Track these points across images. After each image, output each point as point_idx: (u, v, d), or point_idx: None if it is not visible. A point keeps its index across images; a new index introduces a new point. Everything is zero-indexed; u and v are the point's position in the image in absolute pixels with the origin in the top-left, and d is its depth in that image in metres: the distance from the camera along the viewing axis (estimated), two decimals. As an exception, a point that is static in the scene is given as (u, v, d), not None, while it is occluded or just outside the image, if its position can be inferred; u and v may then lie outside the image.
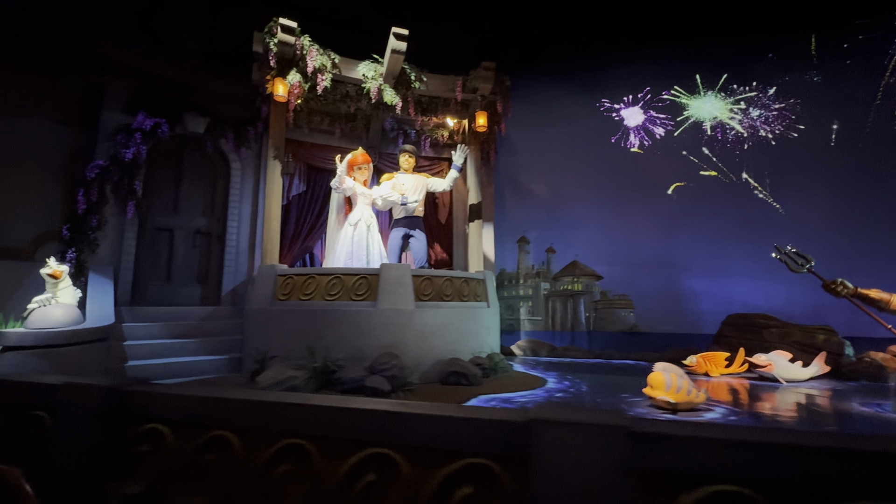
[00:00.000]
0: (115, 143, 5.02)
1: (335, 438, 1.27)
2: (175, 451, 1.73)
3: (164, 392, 2.01)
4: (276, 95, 4.70)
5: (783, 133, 6.62)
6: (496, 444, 1.15)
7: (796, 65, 6.55)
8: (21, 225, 4.62)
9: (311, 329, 4.07)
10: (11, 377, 2.19)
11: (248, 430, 1.41)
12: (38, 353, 3.53)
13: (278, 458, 1.31)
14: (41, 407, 2.00)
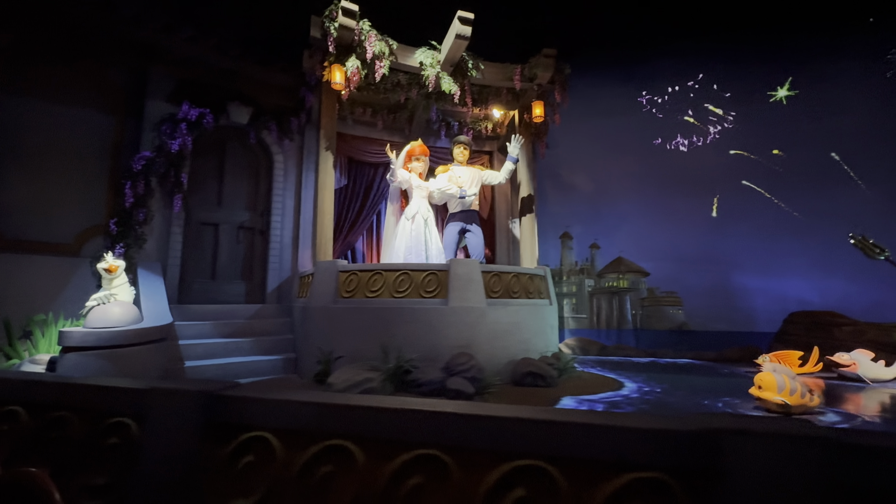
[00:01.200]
0: (160, 134, 4.80)
1: (475, 450, 1.12)
2: (285, 461, 1.55)
3: (267, 397, 1.81)
4: (334, 83, 4.48)
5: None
6: (670, 457, 0.99)
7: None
8: (66, 219, 4.40)
9: (380, 328, 3.87)
10: (88, 380, 1.99)
11: (371, 439, 1.27)
12: (101, 354, 3.33)
13: (408, 471, 1.17)
14: (126, 413, 1.82)
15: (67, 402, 1.93)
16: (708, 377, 4.47)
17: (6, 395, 2.04)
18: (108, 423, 1.93)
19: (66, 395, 2.00)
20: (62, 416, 1.89)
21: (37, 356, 3.57)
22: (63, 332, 3.26)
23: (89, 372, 3.27)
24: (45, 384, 1.97)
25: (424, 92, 5.41)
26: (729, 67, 6.92)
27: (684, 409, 3.12)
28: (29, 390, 1.96)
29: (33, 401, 1.95)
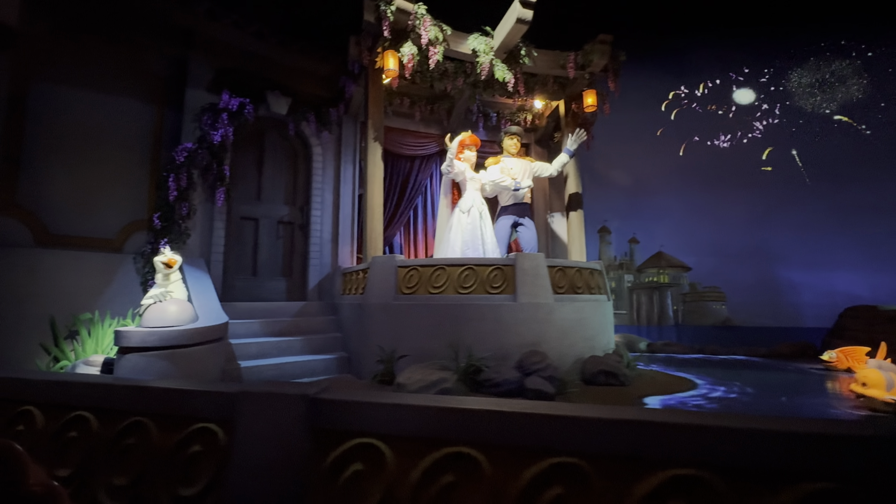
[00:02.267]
0: (201, 125, 4.60)
1: (616, 457, 1.01)
2: (398, 470, 1.39)
3: (376, 401, 1.64)
4: (387, 69, 4.28)
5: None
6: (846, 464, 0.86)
7: None
8: (109, 214, 4.21)
9: (445, 325, 3.70)
10: (166, 383, 1.82)
11: (498, 448, 1.16)
12: (162, 354, 3.15)
13: (543, 481, 1.06)
14: (211, 418, 1.65)
15: (143, 406, 1.77)
16: (776, 374, 4.32)
17: (74, 400, 1.87)
18: (190, 430, 1.76)
19: (142, 399, 1.83)
20: (138, 421, 1.74)
21: (90, 357, 3.39)
22: (121, 332, 3.08)
23: (152, 374, 3.09)
24: (116, 387, 1.79)
25: (472, 80, 5.22)
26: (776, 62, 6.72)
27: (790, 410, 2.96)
28: (98, 394, 1.79)
29: (104, 406, 1.79)
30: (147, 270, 4.26)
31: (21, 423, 1.66)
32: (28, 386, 1.92)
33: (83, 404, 1.73)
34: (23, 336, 3.55)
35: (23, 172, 3.74)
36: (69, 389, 1.86)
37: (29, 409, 1.71)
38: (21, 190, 3.71)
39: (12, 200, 3.67)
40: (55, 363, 3.69)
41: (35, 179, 3.80)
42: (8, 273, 3.52)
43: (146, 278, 4.25)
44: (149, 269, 4.25)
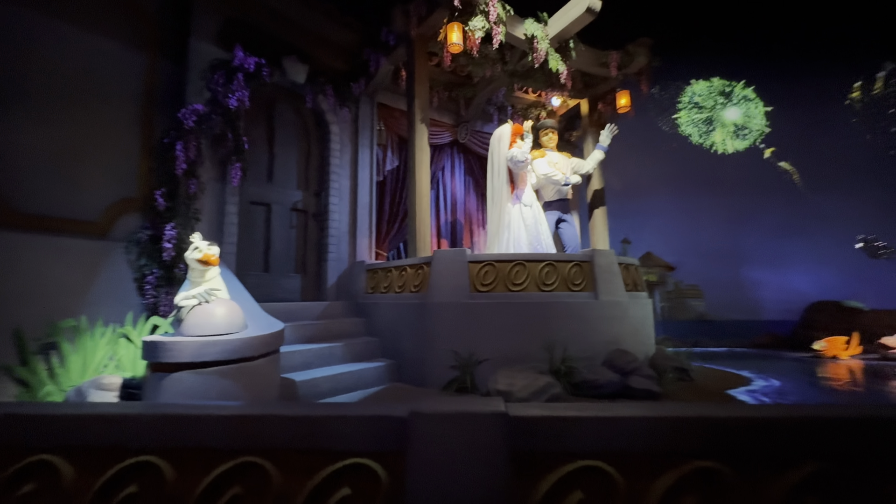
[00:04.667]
0: (210, 84, 3.72)
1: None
2: (628, 493, 1.26)
3: (591, 415, 1.47)
4: (450, 44, 3.85)
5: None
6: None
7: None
8: (91, 188, 3.18)
9: (529, 325, 3.42)
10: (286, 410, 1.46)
11: (747, 458, 1.15)
12: (224, 371, 2.42)
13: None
14: (364, 452, 1.36)
15: (253, 442, 1.36)
16: (791, 364, 4.78)
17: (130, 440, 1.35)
18: (332, 470, 1.37)
19: (252, 432, 1.38)
20: (249, 464, 1.33)
21: (101, 378, 2.49)
22: (163, 344, 2.30)
23: (212, 396, 2.36)
24: (201, 419, 1.36)
25: (510, 69, 4.99)
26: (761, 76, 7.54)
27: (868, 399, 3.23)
28: (169, 431, 1.34)
29: (181, 446, 1.33)
30: (143, 264, 3.31)
31: (33, 479, 1.23)
32: (47, 425, 1.32)
33: (144, 445, 1.30)
34: None
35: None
36: (117, 426, 1.31)
37: (47, 460, 1.27)
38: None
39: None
40: (25, 391, 2.66)
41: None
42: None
43: (143, 274, 3.31)
44: (146, 262, 3.31)
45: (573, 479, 1.45)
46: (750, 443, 1.22)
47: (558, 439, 1.50)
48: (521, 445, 1.45)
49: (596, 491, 1.45)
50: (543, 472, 1.47)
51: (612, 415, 1.54)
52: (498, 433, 1.47)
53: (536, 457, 1.47)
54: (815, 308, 6.15)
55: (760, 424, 1.21)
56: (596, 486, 1.43)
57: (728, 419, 1.28)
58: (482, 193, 6.56)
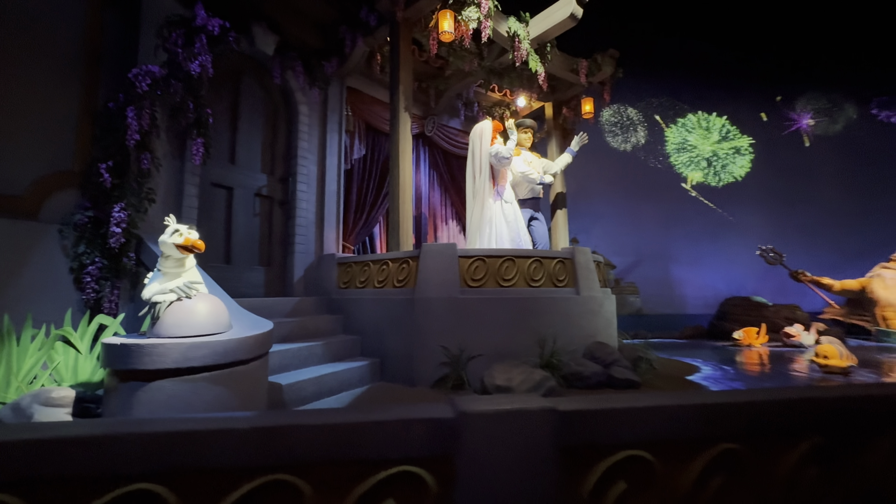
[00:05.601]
0: (169, 44, 3.20)
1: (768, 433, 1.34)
2: (667, 480, 1.49)
3: (634, 406, 1.65)
4: (443, 32, 3.72)
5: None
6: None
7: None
8: (14, 158, 2.55)
9: (518, 320, 3.46)
10: (314, 418, 1.33)
11: (763, 435, 1.34)
12: (216, 376, 2.09)
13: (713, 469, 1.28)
14: (410, 459, 1.37)
15: (279, 458, 1.17)
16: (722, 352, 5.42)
17: (121, 466, 1.13)
18: (372, 484, 1.33)
19: (277, 445, 1.22)
20: (278, 482, 1.15)
21: (51, 392, 2.01)
22: (138, 348, 1.93)
23: (200, 407, 2.03)
24: (220, 434, 1.11)
25: (488, 65, 5.00)
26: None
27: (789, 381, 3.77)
28: (180, 449, 1.08)
29: (195, 466, 1.09)
30: (83, 251, 2.75)
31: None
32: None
33: (138, 471, 1.03)
34: None
35: None
36: (100, 449, 1.01)
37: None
38: None
39: None
40: (-77, 410, 2.06)
41: None
42: None
43: (81, 263, 2.75)
44: (86, 250, 2.76)
45: (617, 470, 1.49)
46: (762, 423, 1.35)
47: (604, 431, 1.53)
48: (568, 440, 1.45)
49: (638, 479, 1.50)
50: (590, 464, 1.49)
51: (651, 404, 1.60)
52: (548, 429, 1.45)
53: (583, 450, 1.48)
54: (728, 303, 7.09)
55: (770, 406, 1.36)
56: (638, 475, 1.48)
57: (747, 403, 1.41)
58: (446, 188, 6.51)
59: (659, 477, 1.43)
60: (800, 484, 1.31)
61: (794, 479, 1.30)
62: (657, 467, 1.41)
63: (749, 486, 1.32)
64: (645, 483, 1.51)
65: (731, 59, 8.29)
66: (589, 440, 1.47)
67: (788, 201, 8.57)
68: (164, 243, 2.20)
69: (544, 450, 1.43)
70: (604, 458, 1.49)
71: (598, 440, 1.48)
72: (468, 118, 6.36)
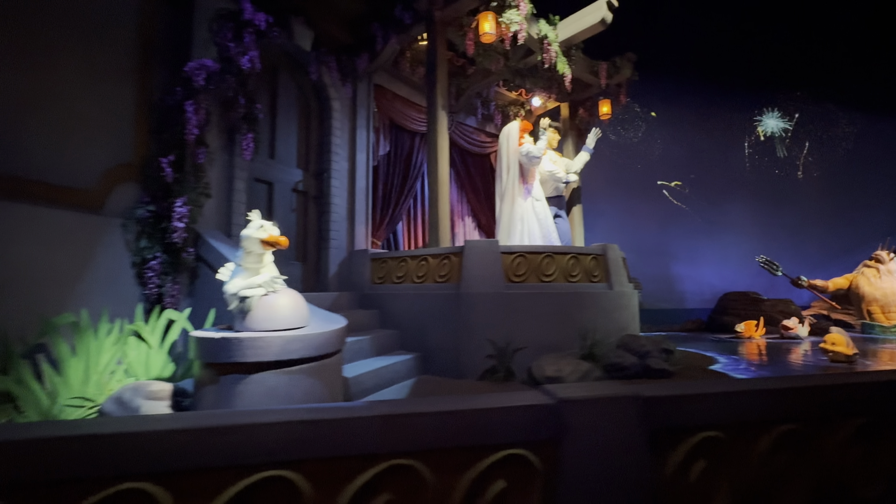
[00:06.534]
0: (219, 38, 3.19)
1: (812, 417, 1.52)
2: (740, 457, 1.69)
3: (710, 391, 1.85)
4: (483, 33, 3.81)
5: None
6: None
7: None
8: (82, 148, 2.51)
9: (559, 314, 3.62)
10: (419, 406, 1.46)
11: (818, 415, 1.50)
12: (310, 369, 2.16)
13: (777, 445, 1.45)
14: (517, 443, 1.50)
15: (399, 444, 1.28)
16: (729, 344, 5.73)
17: (259, 457, 1.20)
18: (487, 464, 1.48)
19: (394, 432, 1.30)
20: (398, 467, 1.27)
21: (149, 385, 2.03)
22: (240, 342, 1.98)
23: (297, 398, 2.09)
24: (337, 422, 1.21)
25: (513, 66, 5.11)
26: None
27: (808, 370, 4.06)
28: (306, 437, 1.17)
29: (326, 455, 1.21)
30: (145, 246, 2.74)
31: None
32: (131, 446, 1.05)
33: (270, 460, 1.12)
34: None
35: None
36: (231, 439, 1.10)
37: (140, 488, 1.05)
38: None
39: None
40: (10, 407, 2.05)
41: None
42: None
43: (143, 258, 2.74)
44: (148, 244, 2.75)
45: (697, 450, 1.66)
46: (816, 405, 1.54)
47: (686, 414, 1.70)
48: (653, 423, 1.61)
49: (715, 457, 1.67)
50: (673, 445, 1.65)
51: (722, 390, 1.79)
52: (637, 413, 1.61)
53: (666, 433, 1.64)
54: (727, 297, 7.45)
55: (822, 390, 1.55)
56: (715, 454, 1.66)
57: (805, 388, 1.59)
58: (462, 185, 6.60)
59: (733, 455, 1.61)
60: (848, 460, 1.46)
61: (843, 455, 1.46)
62: (730, 446, 1.59)
63: (808, 463, 1.48)
64: (721, 461, 1.69)
65: (722, 61, 8.66)
66: (670, 424, 1.63)
67: (775, 202, 9.05)
68: (249, 238, 2.24)
69: (634, 432, 1.58)
70: (684, 439, 1.66)
71: (679, 423, 1.64)
72: (485, 117, 6.46)
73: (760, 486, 1.55)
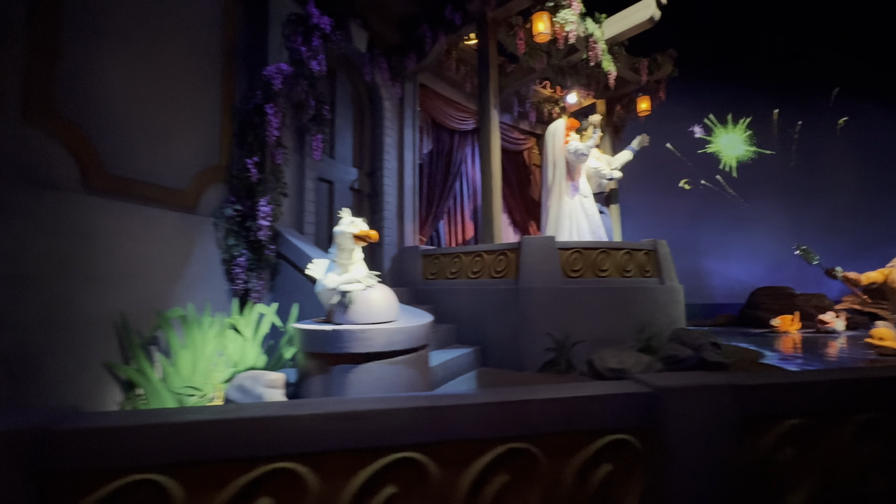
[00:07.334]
0: (291, 43, 3.30)
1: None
2: (828, 443, 1.75)
3: (787, 381, 1.91)
4: (538, 33, 3.88)
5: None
6: None
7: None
8: (178, 151, 2.64)
9: (615, 308, 3.70)
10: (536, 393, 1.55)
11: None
12: (409, 360, 2.28)
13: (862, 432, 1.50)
14: (622, 428, 1.59)
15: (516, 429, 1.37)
16: (759, 338, 5.78)
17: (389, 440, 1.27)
18: (595, 449, 1.57)
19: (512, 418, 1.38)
20: (516, 450, 1.37)
21: (266, 375, 2.16)
22: (350, 333, 2.10)
23: (400, 386, 2.21)
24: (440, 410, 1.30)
25: (555, 63, 5.16)
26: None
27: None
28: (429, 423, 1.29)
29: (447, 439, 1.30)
30: (232, 243, 2.88)
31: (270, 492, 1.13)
32: (281, 430, 1.19)
33: (400, 443, 1.24)
34: (73, 349, 2.00)
35: (61, 62, 2.02)
36: (366, 423, 1.23)
37: (289, 468, 1.16)
38: (61, 91, 2.00)
39: (49, 106, 1.95)
40: (132, 393, 2.20)
41: (79, 78, 2.10)
42: (50, 239, 1.90)
43: (231, 255, 2.87)
44: (234, 242, 2.88)
45: (786, 436, 1.75)
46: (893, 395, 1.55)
47: (774, 403, 1.80)
48: (746, 411, 1.71)
49: (803, 444, 1.77)
50: (763, 432, 1.75)
51: (809, 380, 1.88)
52: (731, 401, 1.71)
53: (756, 420, 1.73)
54: (759, 292, 7.48)
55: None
56: (803, 440, 1.75)
57: (878, 379, 1.68)
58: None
59: (818, 442, 1.71)
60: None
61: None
62: (816, 434, 1.68)
63: (891, 451, 1.56)
64: (807, 447, 1.78)
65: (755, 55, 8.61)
66: (761, 411, 1.73)
67: (806, 196, 9.00)
68: (343, 234, 2.36)
69: (728, 419, 1.68)
70: (773, 426, 1.75)
71: (768, 411, 1.74)
72: (520, 114, 6.53)
73: (846, 472, 1.63)
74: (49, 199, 1.90)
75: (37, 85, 1.90)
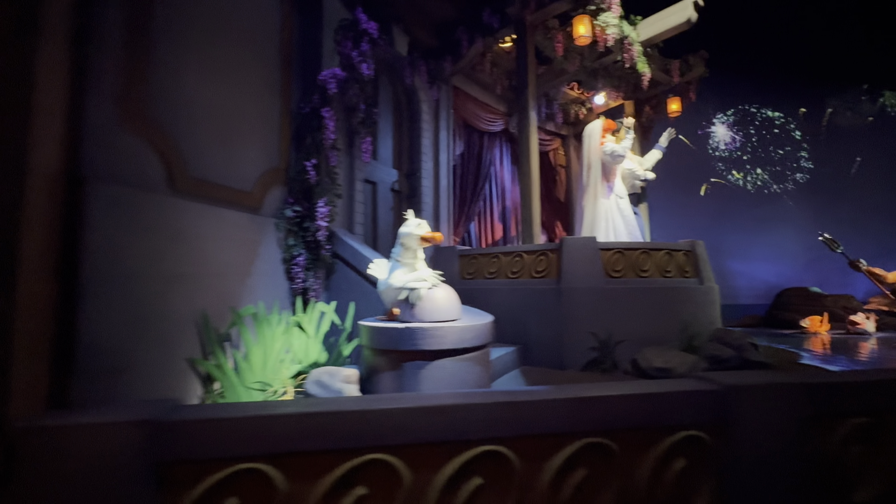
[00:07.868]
0: (342, 48, 3.39)
1: None
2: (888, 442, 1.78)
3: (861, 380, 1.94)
4: (579, 36, 3.93)
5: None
6: None
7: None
8: (244, 153, 2.74)
9: (656, 308, 3.74)
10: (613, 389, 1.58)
11: None
12: (476, 357, 2.34)
13: None
14: (694, 425, 1.56)
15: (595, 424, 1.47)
16: (789, 339, 5.76)
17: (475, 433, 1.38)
18: (670, 443, 1.63)
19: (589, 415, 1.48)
20: (594, 445, 1.45)
21: (342, 371, 2.24)
22: (424, 331, 2.18)
23: (469, 382, 2.28)
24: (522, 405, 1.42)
25: (588, 65, 5.20)
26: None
27: None
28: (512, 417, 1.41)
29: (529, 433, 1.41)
30: (292, 244, 2.97)
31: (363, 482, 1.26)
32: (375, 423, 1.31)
33: (483, 436, 1.35)
34: (161, 345, 2.09)
35: (153, 69, 2.12)
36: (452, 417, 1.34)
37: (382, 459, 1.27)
38: (152, 96, 2.10)
39: (142, 110, 2.05)
40: (210, 387, 2.29)
41: (167, 84, 2.20)
42: (142, 239, 1.99)
43: (291, 255, 2.96)
44: (293, 242, 2.97)
45: (853, 434, 1.79)
46: None
47: (840, 401, 1.84)
48: (814, 408, 1.75)
49: (870, 442, 1.81)
50: (831, 429, 1.79)
51: (870, 379, 1.93)
52: (800, 398, 1.75)
53: (824, 417, 1.78)
54: (786, 293, 7.43)
55: None
56: (870, 438, 1.79)
57: None
58: (523, 183, 6.74)
59: (884, 440, 1.76)
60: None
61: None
62: (881, 431, 1.73)
63: None
64: (875, 445, 1.82)
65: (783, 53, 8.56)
66: (828, 409, 1.78)
67: (831, 196, 8.93)
68: (410, 235, 2.43)
69: (797, 416, 1.72)
70: (840, 423, 1.80)
71: (836, 409, 1.79)
72: (547, 115, 6.57)
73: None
74: (142, 200, 2.00)
75: (132, 90, 2.00)
